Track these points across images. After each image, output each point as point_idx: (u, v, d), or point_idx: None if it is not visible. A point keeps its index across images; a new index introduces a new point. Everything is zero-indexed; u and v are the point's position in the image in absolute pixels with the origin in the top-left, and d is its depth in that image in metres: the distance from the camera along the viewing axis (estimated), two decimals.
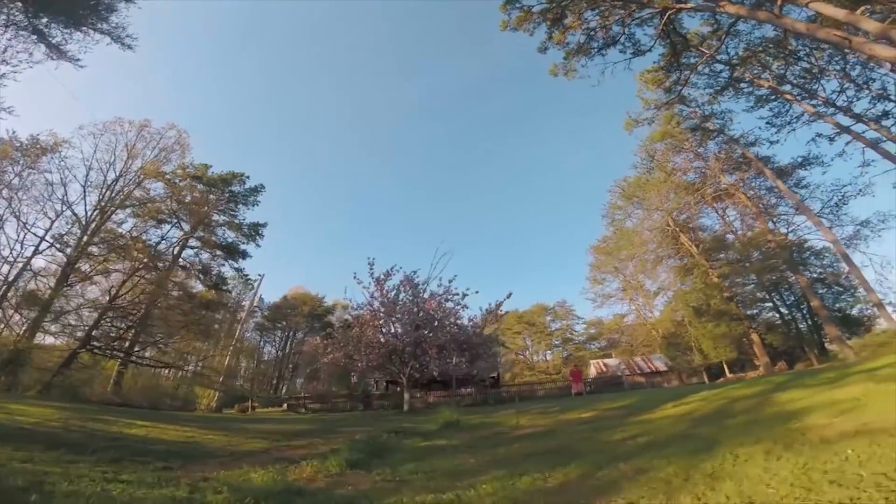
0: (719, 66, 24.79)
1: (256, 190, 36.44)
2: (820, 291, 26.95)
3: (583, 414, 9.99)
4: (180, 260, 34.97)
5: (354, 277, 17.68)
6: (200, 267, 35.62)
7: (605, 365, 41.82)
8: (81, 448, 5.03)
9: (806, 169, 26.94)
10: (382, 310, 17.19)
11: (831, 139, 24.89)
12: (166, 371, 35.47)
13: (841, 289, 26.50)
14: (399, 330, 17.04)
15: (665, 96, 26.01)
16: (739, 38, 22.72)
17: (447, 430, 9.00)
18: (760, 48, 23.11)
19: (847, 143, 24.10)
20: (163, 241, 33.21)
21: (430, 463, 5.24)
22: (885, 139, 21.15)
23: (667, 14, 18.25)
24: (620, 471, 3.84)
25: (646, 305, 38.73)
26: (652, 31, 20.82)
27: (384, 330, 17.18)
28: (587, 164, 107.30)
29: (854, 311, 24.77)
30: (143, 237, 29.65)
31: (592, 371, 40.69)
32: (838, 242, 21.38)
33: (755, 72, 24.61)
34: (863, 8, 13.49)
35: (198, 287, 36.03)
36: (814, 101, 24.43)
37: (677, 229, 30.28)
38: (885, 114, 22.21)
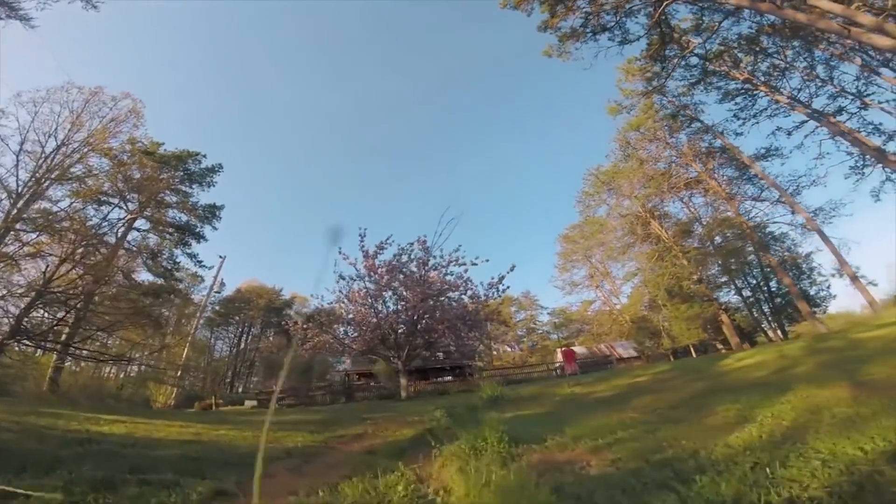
0: (694, 60, 25.51)
1: (213, 170, 33.00)
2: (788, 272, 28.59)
3: (631, 380, 9.21)
4: (126, 243, 31.16)
5: (340, 252, 15.85)
6: (149, 251, 31.88)
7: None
8: (35, 459, 3.22)
9: (767, 160, 28.40)
10: (373, 287, 15.49)
11: (789, 133, 26.25)
12: (110, 368, 31.22)
13: (798, 270, 28.18)
14: (394, 307, 15.49)
15: (645, 86, 26.53)
16: (716, 33, 23.46)
17: (503, 404, 7.79)
18: (735, 44, 23.98)
19: (805, 137, 25.54)
20: (105, 222, 29.30)
21: (585, 425, 4.01)
22: (841, 133, 22.41)
23: (664, 3, 18.26)
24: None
25: (612, 292, 39.54)
26: (644, 21, 21.34)
27: (377, 307, 15.51)
28: (553, 158, 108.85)
29: (813, 291, 26.40)
30: (84, 216, 25.81)
31: (559, 357, 41.05)
32: (814, 221, 22.45)
33: (727, 66, 25.36)
34: (857, 3, 13.99)
35: (147, 276, 32.20)
36: (776, 97, 25.49)
37: (648, 216, 30.91)
38: (840, 110, 23.70)
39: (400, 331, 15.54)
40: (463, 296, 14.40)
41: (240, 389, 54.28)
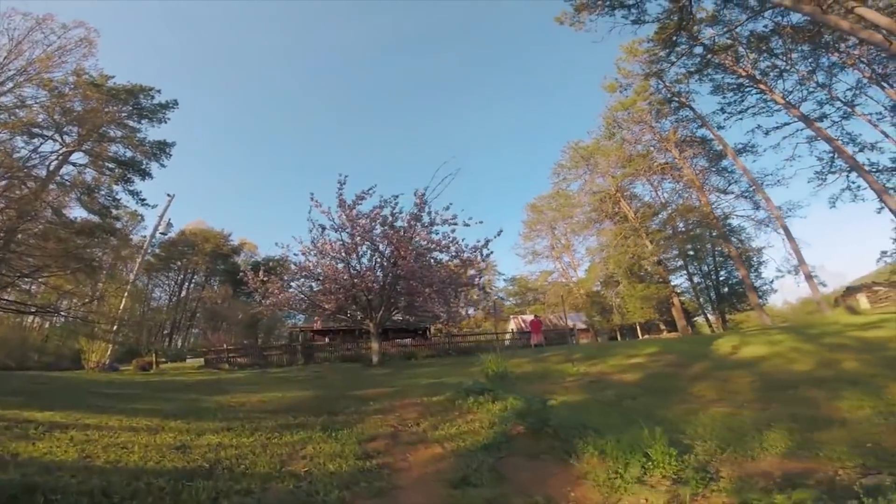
0: (698, 50, 25.27)
1: (166, 105, 29.28)
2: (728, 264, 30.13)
3: (628, 360, 8.74)
4: (59, 177, 27.11)
5: (312, 199, 13.85)
6: (84, 186, 27.86)
7: (523, 321, 43.22)
8: None
9: (741, 155, 29.08)
10: (348, 240, 13.75)
11: (767, 132, 26.87)
12: (33, 320, 27.34)
13: (748, 263, 29.78)
14: (371, 264, 13.95)
15: (643, 69, 26.06)
16: (726, 26, 23.16)
17: (514, 383, 6.85)
18: (744, 41, 23.77)
19: (784, 138, 26.18)
20: (36, 155, 25.26)
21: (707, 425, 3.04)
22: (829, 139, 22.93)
23: None
24: None
25: (571, 265, 40.24)
26: (664, 4, 20.95)
27: (352, 263, 13.88)
28: (533, 127, 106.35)
29: (758, 284, 28.13)
30: (9, 147, 22.60)
31: (512, 326, 41.73)
32: (781, 218, 23.29)
33: (729, 60, 25.09)
34: None
35: (81, 213, 28.13)
36: (773, 96, 25.64)
37: (618, 195, 31.03)
38: (824, 116, 24.34)
39: (377, 289, 14.11)
40: (454, 258, 13.09)
41: (179, 343, 50.63)
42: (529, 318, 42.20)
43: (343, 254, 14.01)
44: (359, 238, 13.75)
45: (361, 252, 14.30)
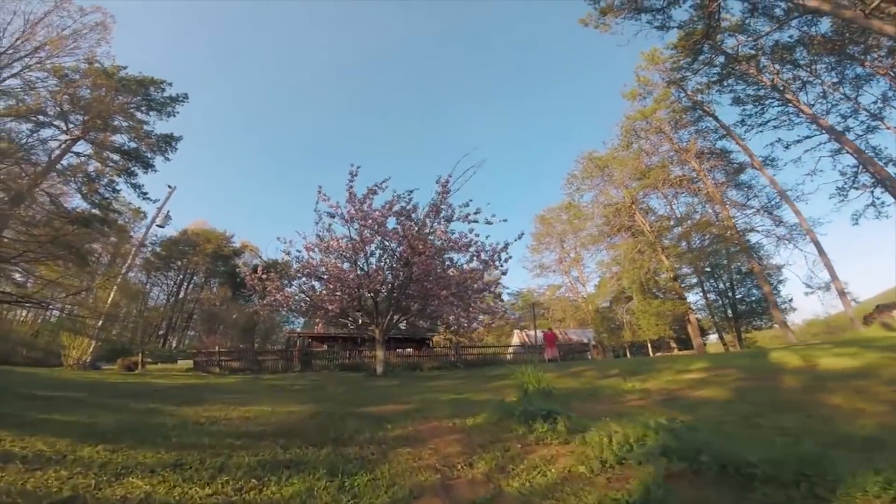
0: (719, 59, 24.53)
1: (176, 99, 28.32)
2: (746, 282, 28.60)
3: (679, 376, 7.16)
4: (59, 166, 26.19)
5: (319, 192, 12.47)
6: (84, 175, 26.81)
7: (527, 335, 41.42)
8: None
9: (759, 170, 27.76)
10: (356, 236, 12.31)
11: (787, 146, 25.62)
12: (25, 314, 25.87)
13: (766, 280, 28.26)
14: (384, 263, 12.48)
15: (662, 78, 25.26)
16: (750, 35, 22.46)
17: (560, 402, 5.26)
18: (769, 50, 22.98)
19: (805, 151, 24.88)
20: (38, 142, 24.56)
21: None
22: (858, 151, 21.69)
23: None
24: None
25: (580, 280, 38.67)
26: (689, 11, 20.40)
27: (359, 262, 12.43)
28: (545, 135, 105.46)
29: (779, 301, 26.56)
30: (10, 132, 21.93)
31: (516, 339, 39.92)
32: (812, 231, 21.85)
33: (753, 70, 24.11)
34: None
35: (82, 203, 26.99)
36: (801, 107, 24.56)
37: (633, 207, 29.70)
38: (848, 129, 23.14)
39: (385, 292, 12.63)
40: (472, 258, 11.57)
41: (174, 344, 48.80)
42: (535, 332, 40.51)
43: (350, 251, 12.56)
44: (368, 233, 12.32)
45: (370, 251, 12.88)
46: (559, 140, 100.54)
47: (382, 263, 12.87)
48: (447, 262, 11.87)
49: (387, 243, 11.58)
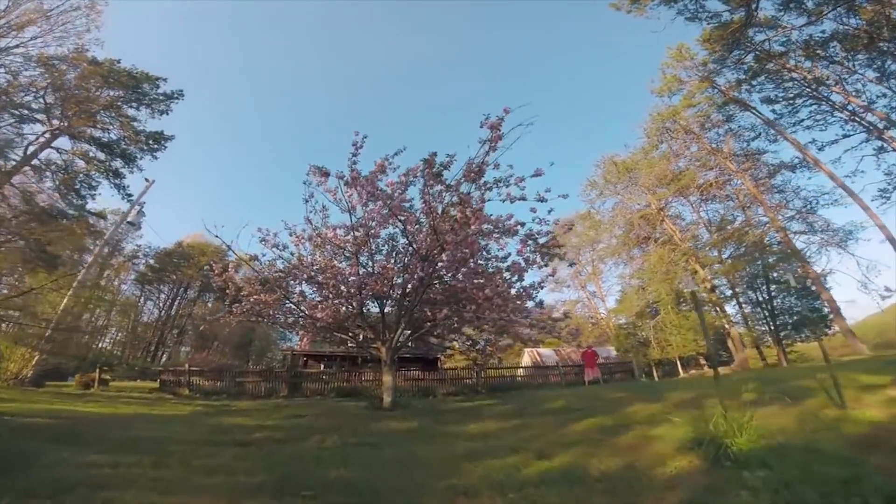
0: (750, 57, 22.29)
1: (171, 96, 25.48)
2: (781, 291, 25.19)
3: None
4: (36, 161, 23.44)
5: (311, 171, 9.23)
6: (64, 174, 23.99)
7: (538, 354, 37.58)
8: None
9: (794, 172, 24.93)
10: (359, 225, 9.02)
11: (821, 147, 22.87)
12: None
13: (805, 289, 24.90)
14: (385, 262, 9.14)
15: (695, 73, 22.99)
16: (783, 29, 20.27)
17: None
18: (802, 46, 20.76)
19: (846, 152, 22.11)
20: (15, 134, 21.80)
21: None
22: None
23: None
24: None
25: (598, 295, 35.17)
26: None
27: (361, 260, 9.09)
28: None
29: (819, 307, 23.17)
30: None
31: (527, 360, 36.10)
32: (886, 228, 18.67)
33: (787, 67, 21.65)
34: None
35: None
36: (850, 100, 21.98)
37: (661, 214, 26.60)
38: (890, 125, 20.45)
39: (395, 297, 9.30)
40: (527, 244, 8.07)
41: (164, 359, 44.90)
42: (547, 351, 36.67)
43: (351, 244, 9.27)
44: (378, 219, 9.07)
45: (376, 246, 9.58)
46: (559, 146, 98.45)
47: (393, 260, 9.52)
48: (482, 253, 8.49)
49: (402, 226, 8.22)
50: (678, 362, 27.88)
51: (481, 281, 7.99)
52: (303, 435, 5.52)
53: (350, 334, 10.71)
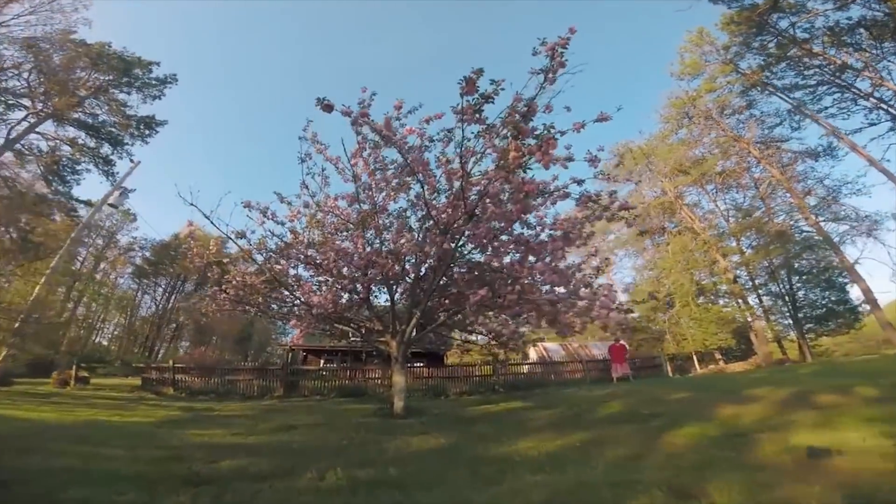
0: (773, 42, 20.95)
1: (164, 81, 23.61)
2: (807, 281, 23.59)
3: None
4: (19, 145, 21.87)
5: (305, 133, 7.49)
6: (47, 158, 22.39)
7: (545, 349, 35.85)
8: None
9: (816, 160, 23.31)
10: (366, 202, 7.31)
11: (840, 137, 21.43)
12: None
13: (828, 281, 23.26)
14: (420, 235, 7.41)
15: (717, 57, 21.59)
16: (808, 14, 18.79)
17: None
18: (826, 32, 19.36)
19: (871, 140, 20.71)
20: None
21: None
22: None
23: None
24: None
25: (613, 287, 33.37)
26: None
27: (368, 237, 7.35)
28: None
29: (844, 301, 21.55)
30: None
31: (533, 356, 34.38)
32: None
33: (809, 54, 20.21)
34: None
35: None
36: (846, 94, 20.70)
37: (678, 202, 24.92)
38: None
39: (408, 282, 7.61)
40: (584, 206, 6.31)
41: (160, 354, 43.13)
42: (553, 346, 34.83)
43: (356, 217, 7.53)
44: (388, 189, 7.36)
45: (383, 223, 7.82)
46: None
47: (403, 238, 7.76)
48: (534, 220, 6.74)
49: (420, 186, 6.45)
50: (694, 358, 26.26)
51: (521, 257, 6.25)
52: (292, 464, 3.80)
53: (353, 326, 8.97)
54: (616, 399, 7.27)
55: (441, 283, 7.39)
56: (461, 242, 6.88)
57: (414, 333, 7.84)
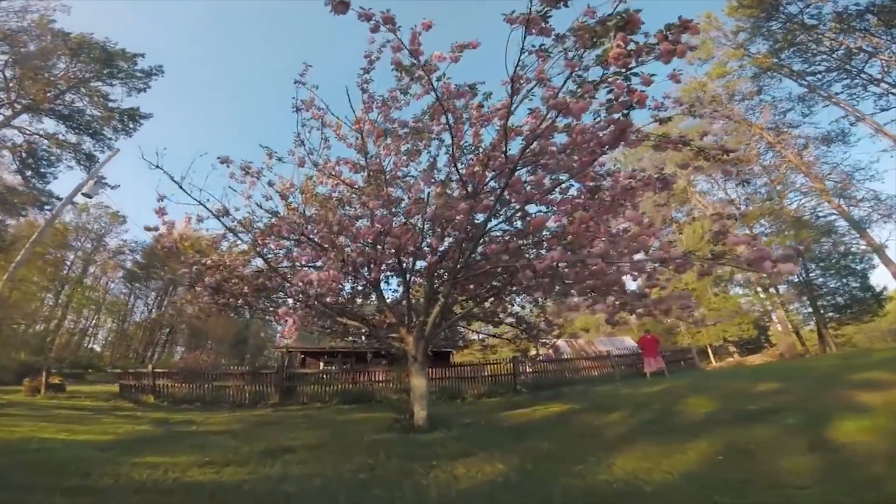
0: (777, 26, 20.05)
1: (149, 73, 21.67)
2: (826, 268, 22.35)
3: None
4: None
5: (303, 77, 5.92)
6: (22, 149, 20.79)
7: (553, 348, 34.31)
8: None
9: (829, 146, 22.21)
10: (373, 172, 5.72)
11: (853, 122, 20.54)
12: None
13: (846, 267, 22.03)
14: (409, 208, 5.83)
15: (722, 43, 20.79)
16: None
17: None
18: (833, 19, 18.42)
19: (886, 124, 19.70)
20: None
21: None
22: None
23: None
24: None
25: None
26: None
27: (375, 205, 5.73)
28: None
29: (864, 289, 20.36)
30: None
31: (534, 353, 32.83)
32: None
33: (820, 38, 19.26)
34: None
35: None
36: (856, 81, 19.75)
37: (689, 189, 23.64)
38: None
39: (429, 262, 6.08)
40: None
41: (155, 359, 41.09)
42: (560, 342, 33.20)
43: (364, 179, 5.98)
44: (397, 155, 5.84)
45: (396, 194, 6.23)
46: None
47: (440, 189, 6.11)
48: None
49: (449, 129, 4.86)
50: (710, 351, 24.94)
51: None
52: None
53: (358, 319, 7.35)
54: (687, 396, 5.78)
55: (471, 258, 5.82)
56: (503, 204, 5.34)
57: (433, 326, 6.27)
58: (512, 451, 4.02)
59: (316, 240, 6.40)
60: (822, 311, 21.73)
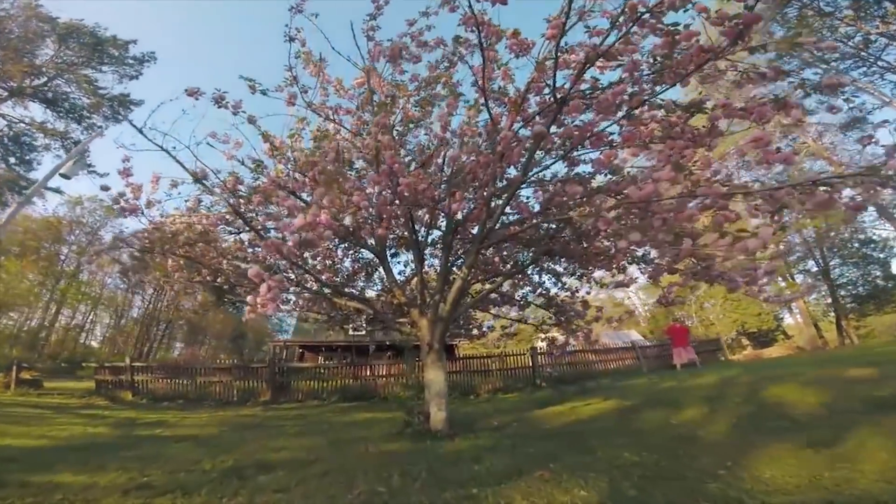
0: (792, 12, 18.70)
1: (141, 59, 20.49)
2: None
3: None
4: None
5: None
6: (6, 136, 19.45)
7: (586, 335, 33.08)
8: None
9: (850, 131, 21.06)
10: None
11: (870, 111, 18.96)
12: None
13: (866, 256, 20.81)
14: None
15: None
16: None
17: None
18: (848, 6, 17.15)
19: None
20: None
21: None
22: None
23: None
24: None
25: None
26: None
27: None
28: None
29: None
30: None
31: (540, 346, 31.75)
32: None
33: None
34: None
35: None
36: (873, 68, 18.56)
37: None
38: None
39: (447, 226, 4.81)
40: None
41: (152, 354, 39.81)
42: (561, 337, 31.90)
43: (371, 128, 4.66)
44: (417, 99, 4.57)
45: (404, 160, 4.89)
46: None
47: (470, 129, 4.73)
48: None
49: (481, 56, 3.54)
50: (723, 343, 23.73)
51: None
52: None
53: (360, 300, 6.03)
54: (762, 386, 4.51)
55: (501, 219, 4.53)
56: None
57: (453, 305, 4.95)
58: (585, 466, 2.75)
59: (305, 197, 5.07)
60: (841, 301, 20.55)
